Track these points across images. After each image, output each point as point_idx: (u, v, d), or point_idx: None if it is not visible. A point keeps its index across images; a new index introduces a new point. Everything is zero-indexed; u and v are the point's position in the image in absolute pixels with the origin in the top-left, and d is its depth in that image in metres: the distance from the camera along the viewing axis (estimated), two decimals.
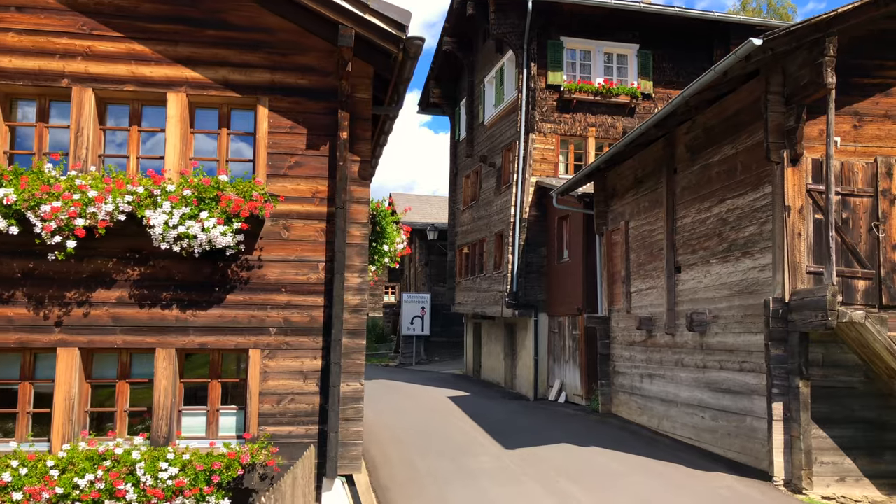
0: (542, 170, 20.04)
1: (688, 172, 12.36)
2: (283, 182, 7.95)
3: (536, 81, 19.94)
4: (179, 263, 7.67)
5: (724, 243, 11.12)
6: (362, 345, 8.00)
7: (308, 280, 7.92)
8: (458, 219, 26.44)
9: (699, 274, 11.86)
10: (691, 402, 11.98)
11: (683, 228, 12.45)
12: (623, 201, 15.16)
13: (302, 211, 7.96)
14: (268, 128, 7.97)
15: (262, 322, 7.82)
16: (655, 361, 13.44)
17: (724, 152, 11.20)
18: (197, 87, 7.88)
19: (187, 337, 7.69)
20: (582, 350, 17.35)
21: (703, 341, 11.64)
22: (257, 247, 7.86)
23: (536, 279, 19.95)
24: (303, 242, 7.94)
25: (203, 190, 7.27)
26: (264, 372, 7.79)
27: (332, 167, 7.99)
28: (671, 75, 20.98)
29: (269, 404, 7.78)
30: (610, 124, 20.50)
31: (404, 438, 13.07)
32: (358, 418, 7.91)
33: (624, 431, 13.51)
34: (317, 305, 7.90)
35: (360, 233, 8.07)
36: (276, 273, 7.88)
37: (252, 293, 7.83)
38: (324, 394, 7.80)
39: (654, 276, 13.57)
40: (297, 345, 7.85)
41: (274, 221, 7.89)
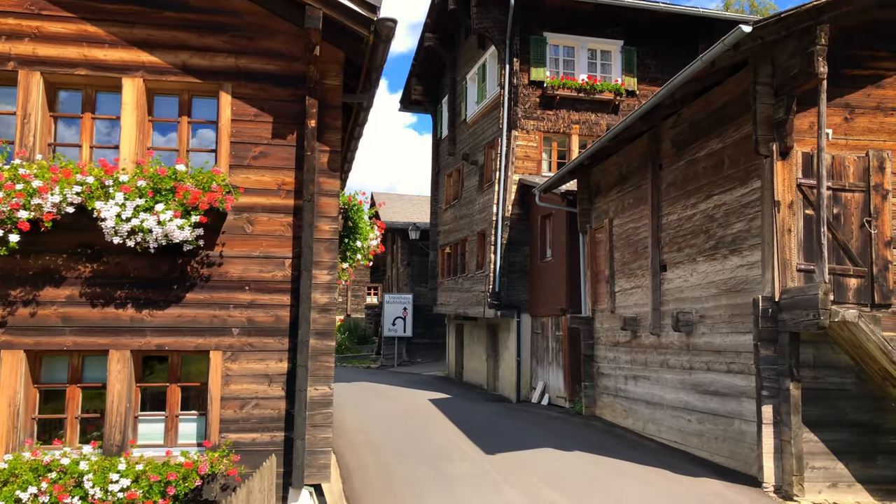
0: (524, 167, 19.65)
1: (673, 168, 12.00)
2: (247, 173, 7.48)
3: (519, 77, 19.56)
4: (135, 259, 7.18)
5: (711, 240, 10.77)
6: (331, 346, 7.54)
7: (273, 277, 7.45)
8: (441, 218, 26.01)
9: (685, 272, 11.50)
10: (677, 404, 11.61)
11: (669, 226, 12.08)
12: (607, 199, 14.79)
13: (267, 204, 7.49)
14: (231, 116, 7.50)
15: (224, 322, 7.34)
16: (640, 363, 13.06)
17: (710, 147, 10.84)
18: (155, 72, 7.40)
19: (143, 338, 7.20)
20: (565, 351, 16.97)
21: (690, 342, 11.27)
22: (219, 242, 7.38)
23: (519, 279, 19.56)
24: (268, 237, 7.48)
25: (159, 180, 6.78)
26: (226, 375, 7.31)
27: (299, 158, 7.53)
28: (655, 72, 20.65)
29: (232, 410, 7.31)
30: (594, 121, 20.15)
31: (382, 443, 12.61)
32: (327, 424, 7.46)
33: (608, 435, 13.12)
34: (283, 304, 7.44)
35: (329, 227, 7.61)
36: (240, 270, 7.41)
37: (213, 291, 7.35)
38: (290, 398, 7.34)
39: (638, 275, 13.20)
40: (261, 346, 7.38)
41: (237, 215, 7.41)
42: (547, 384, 18.10)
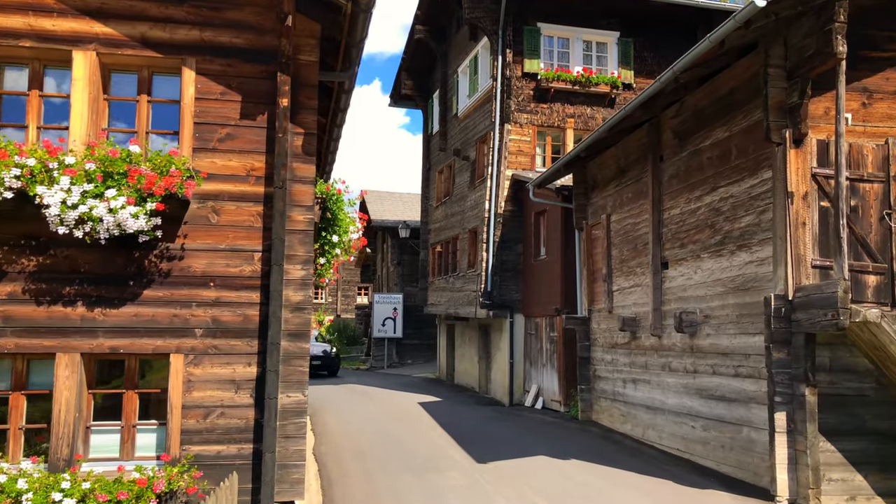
0: (518, 162, 18.95)
1: (676, 160, 11.34)
2: (213, 157, 6.77)
3: (512, 69, 18.86)
4: (85, 252, 6.45)
5: (717, 235, 10.10)
6: (306, 349, 6.83)
7: (241, 273, 6.74)
8: (431, 216, 25.31)
9: (689, 270, 10.83)
10: (680, 409, 10.94)
11: (671, 220, 11.42)
12: (604, 193, 14.12)
13: (234, 191, 6.78)
14: (195, 94, 6.79)
15: (185, 322, 6.62)
16: (640, 365, 12.39)
17: (716, 136, 10.18)
18: (110, 45, 6.68)
19: (95, 339, 6.47)
20: (560, 353, 16.29)
21: (694, 343, 10.60)
22: (181, 233, 6.67)
23: (512, 278, 18.86)
24: (235, 229, 6.77)
25: (110, 163, 6.06)
26: (189, 381, 6.59)
27: (270, 140, 6.83)
28: (653, 65, 19.97)
29: (195, 419, 6.58)
30: (589, 115, 19.47)
31: (367, 450, 11.90)
32: (300, 435, 6.74)
33: (606, 441, 12.45)
34: (251, 302, 6.72)
35: (303, 217, 6.90)
36: (203, 264, 6.69)
37: (174, 288, 6.63)
38: (259, 407, 6.63)
39: (638, 273, 12.53)
40: (227, 349, 6.67)
41: (201, 204, 6.70)
42: (541, 387, 17.42)
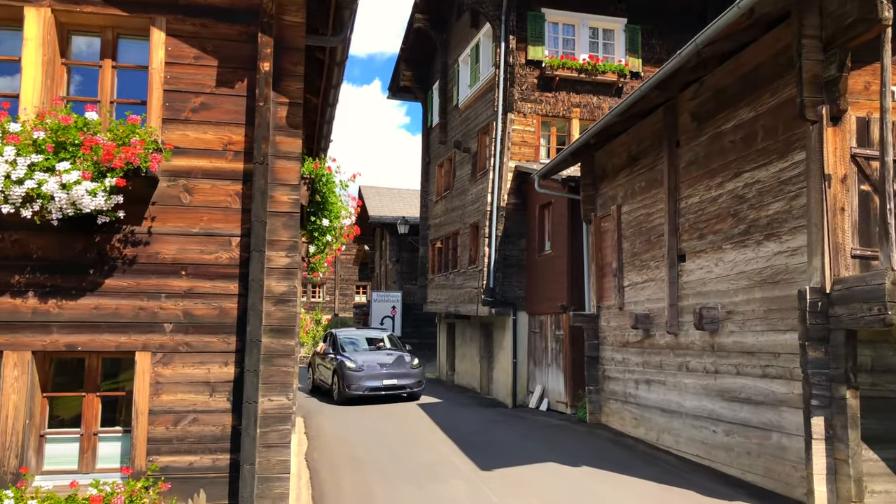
0: (521, 154, 18.17)
1: (694, 145, 10.55)
2: (185, 129, 5.98)
3: (515, 56, 18.08)
4: (38, 236, 5.67)
5: (740, 224, 9.32)
6: (291, 347, 6.04)
7: (217, 260, 5.95)
8: (431, 211, 24.52)
9: (709, 262, 10.04)
10: (699, 413, 10.16)
11: (689, 210, 10.63)
12: (615, 183, 13.34)
13: (209, 168, 5.99)
14: (165, 58, 6.00)
15: (153, 316, 5.83)
16: (654, 365, 11.61)
17: (740, 117, 9.40)
18: (67, 2, 5.89)
19: (49, 336, 5.68)
20: (566, 352, 15.50)
21: (715, 341, 9.82)
22: (148, 215, 5.88)
23: (515, 274, 18.08)
24: (210, 210, 5.98)
25: (62, 132, 5.27)
26: (157, 383, 5.80)
27: (250, 111, 6.05)
28: (661, 53, 19.19)
29: (164, 426, 5.80)
30: (595, 105, 18.70)
31: (363, 457, 11.11)
32: (283, 444, 5.95)
33: (617, 446, 11.66)
34: (228, 294, 5.94)
35: (288, 198, 6.11)
36: (174, 250, 5.90)
37: (140, 277, 5.84)
38: (237, 412, 5.84)
39: (652, 267, 11.74)
40: (201, 346, 5.88)
41: (171, 181, 5.91)
42: (546, 388, 16.63)
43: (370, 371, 16.88)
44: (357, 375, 16.67)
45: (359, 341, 19.28)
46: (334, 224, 7.30)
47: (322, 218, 7.20)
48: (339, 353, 17.70)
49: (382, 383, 16.77)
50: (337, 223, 7.22)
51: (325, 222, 7.30)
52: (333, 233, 7.40)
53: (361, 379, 16.66)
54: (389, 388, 16.87)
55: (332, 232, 7.40)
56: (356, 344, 18.96)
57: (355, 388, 16.54)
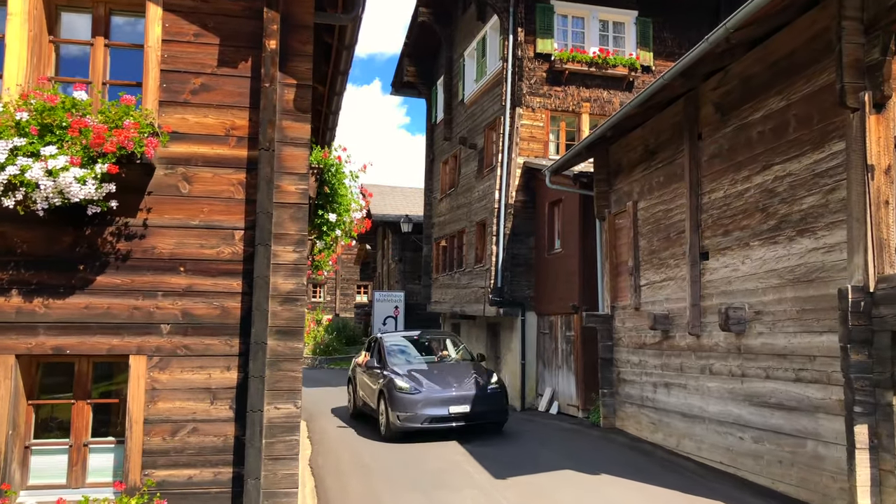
0: (530, 149, 17.69)
1: (718, 136, 10.06)
2: (184, 113, 5.49)
3: (524, 49, 17.59)
4: (23, 229, 5.18)
5: (770, 220, 8.83)
6: (299, 350, 5.55)
7: (219, 255, 5.46)
8: (435, 209, 24.03)
9: (735, 260, 9.55)
10: (724, 418, 9.67)
11: (712, 205, 10.14)
12: (630, 178, 12.84)
13: (211, 155, 5.50)
14: (162, 35, 5.50)
15: (149, 316, 5.35)
16: (674, 368, 11.12)
17: (769, 106, 8.91)
18: None
19: (35, 337, 5.19)
20: (578, 354, 15.01)
21: (742, 343, 9.33)
22: (143, 206, 5.39)
23: (524, 273, 17.59)
24: (212, 201, 5.49)
25: (48, 113, 4.78)
26: (153, 389, 5.31)
27: (255, 93, 5.55)
28: (673, 46, 18.74)
29: (161, 437, 5.31)
30: (606, 99, 18.21)
31: (370, 463, 10.62)
32: (291, 456, 5.46)
33: (635, 452, 11.16)
34: (231, 292, 5.45)
35: (295, 188, 5.62)
36: (172, 244, 5.42)
37: (135, 273, 5.35)
38: (241, 421, 5.35)
39: (671, 266, 11.25)
40: (201, 349, 5.39)
41: (169, 169, 5.42)
42: (556, 391, 16.14)
43: (431, 393, 12.09)
44: (412, 400, 11.98)
45: (412, 349, 14.31)
46: (343, 218, 6.80)
47: (331, 211, 6.71)
48: (385, 367, 13.06)
49: (449, 411, 11.94)
50: (347, 217, 6.72)
51: (333, 217, 6.81)
52: (343, 227, 6.90)
53: (418, 404, 11.93)
54: (459, 417, 12.02)
55: (342, 226, 6.91)
56: (408, 353, 14.09)
57: (409, 417, 11.87)
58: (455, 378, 12.65)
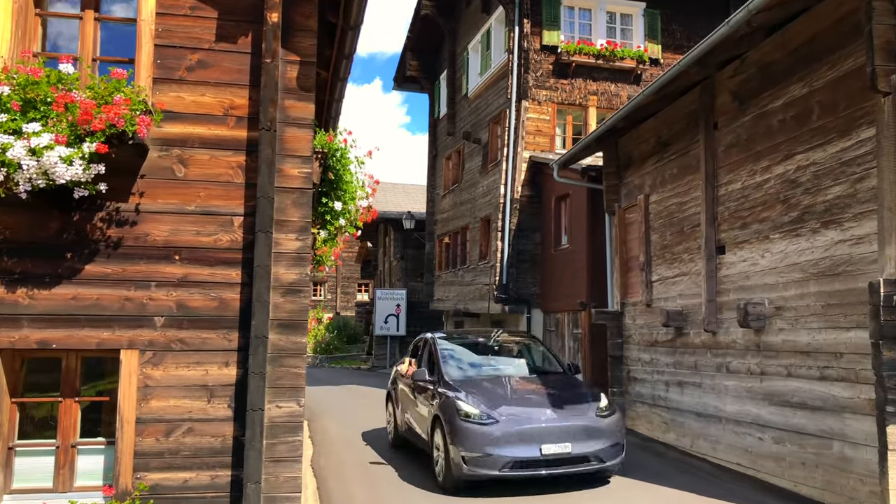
0: (536, 143, 17.33)
1: (735, 126, 9.70)
2: (179, 91, 5.14)
3: (530, 41, 17.24)
4: (6, 213, 4.83)
5: (792, 212, 8.47)
6: (302, 345, 5.20)
7: (216, 243, 5.11)
8: (438, 206, 23.68)
9: (754, 254, 9.19)
10: (742, 418, 9.31)
11: (729, 197, 9.78)
12: (641, 171, 12.48)
13: (208, 136, 5.15)
14: (156, 8, 5.14)
15: (141, 308, 4.99)
16: (688, 366, 10.76)
17: (791, 94, 8.55)
18: None
19: (18, 331, 4.84)
20: (586, 352, 14.66)
21: (761, 340, 8.97)
22: (135, 190, 5.04)
23: (529, 270, 17.23)
24: (209, 185, 5.14)
25: (31, 87, 4.42)
26: (146, 386, 4.96)
27: (255, 70, 5.19)
28: (682, 39, 18.40)
29: (154, 437, 4.95)
30: (613, 92, 17.86)
31: (374, 464, 10.26)
32: (293, 458, 5.10)
33: (647, 453, 10.81)
34: (230, 282, 5.09)
35: (299, 172, 5.27)
36: (166, 231, 5.06)
37: (126, 262, 5.00)
38: (240, 421, 4.99)
39: (685, 260, 10.89)
40: (198, 344, 5.03)
41: (163, 151, 5.06)
42: None
43: (513, 424, 8.16)
44: (484, 433, 8.06)
45: (478, 356, 10.27)
46: (349, 206, 6.44)
47: (335, 199, 6.35)
48: (441, 382, 9.23)
49: (541, 451, 7.99)
50: (352, 205, 6.36)
51: (338, 205, 6.44)
52: (348, 216, 6.54)
53: (494, 441, 8.02)
54: (556, 460, 8.09)
55: (347, 216, 6.54)
56: (473, 362, 10.08)
57: (480, 459, 7.95)
58: (547, 400, 8.73)
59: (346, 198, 6.33)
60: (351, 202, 6.40)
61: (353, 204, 6.44)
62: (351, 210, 6.46)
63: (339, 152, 6.18)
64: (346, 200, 6.35)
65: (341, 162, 6.20)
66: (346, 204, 6.39)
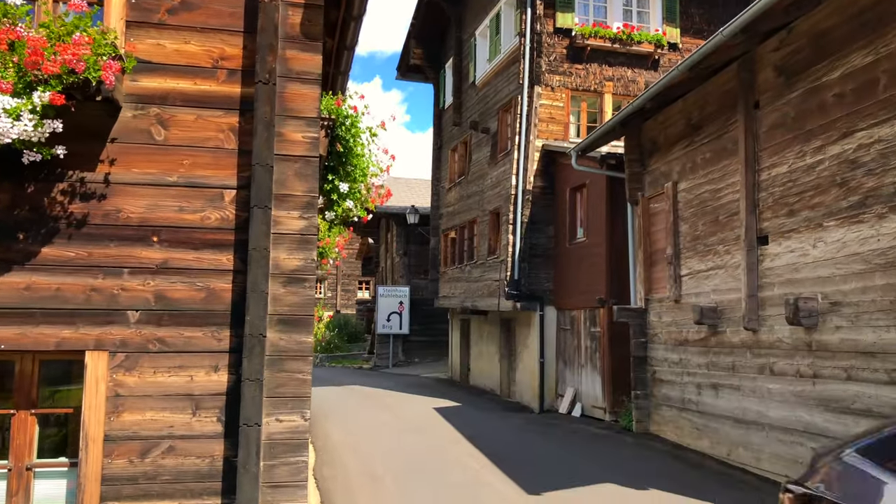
0: (549, 132, 16.41)
1: (780, 104, 8.81)
2: (159, 37, 4.23)
3: (543, 24, 16.32)
4: None
5: (852, 196, 7.58)
6: (307, 345, 4.30)
7: (203, 221, 4.21)
8: (443, 199, 22.76)
9: (803, 244, 8.31)
10: (790, 425, 8.43)
11: (773, 182, 8.89)
12: (668, 157, 11.59)
13: (193, 92, 4.24)
14: None
15: (112, 300, 4.09)
16: (723, 367, 9.87)
17: (851, 63, 7.66)
18: None
19: None
20: (605, 351, 13.77)
21: (813, 339, 8.09)
22: (105, 156, 4.13)
23: (542, 265, 16.31)
24: (194, 151, 4.23)
25: None
26: (116, 396, 4.06)
27: (251, 13, 4.28)
28: (701, 22, 17.48)
29: (126, 458, 4.05)
30: (630, 78, 16.94)
31: (381, 474, 9.39)
32: (297, 483, 4.20)
33: (681, 462, 9.92)
34: (220, 269, 4.19)
35: (303, 136, 4.37)
36: (142, 207, 4.16)
37: (93, 244, 4.10)
38: (232, 438, 4.09)
39: (720, 252, 10.00)
40: (180, 344, 4.13)
41: (138, 109, 4.16)
42: (578, 391, 14.89)
43: None
44: None
45: None
46: (359, 185, 5.54)
47: (344, 178, 5.44)
48: None
49: None
50: (364, 182, 5.46)
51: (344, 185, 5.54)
52: (358, 198, 5.63)
53: None
54: None
55: (356, 197, 5.64)
56: None
57: None
58: None
59: (356, 174, 5.43)
60: (363, 180, 5.49)
61: (365, 182, 5.54)
62: (361, 190, 5.56)
63: (350, 120, 5.27)
64: (357, 178, 5.45)
65: (351, 132, 5.29)
66: (357, 182, 5.49)
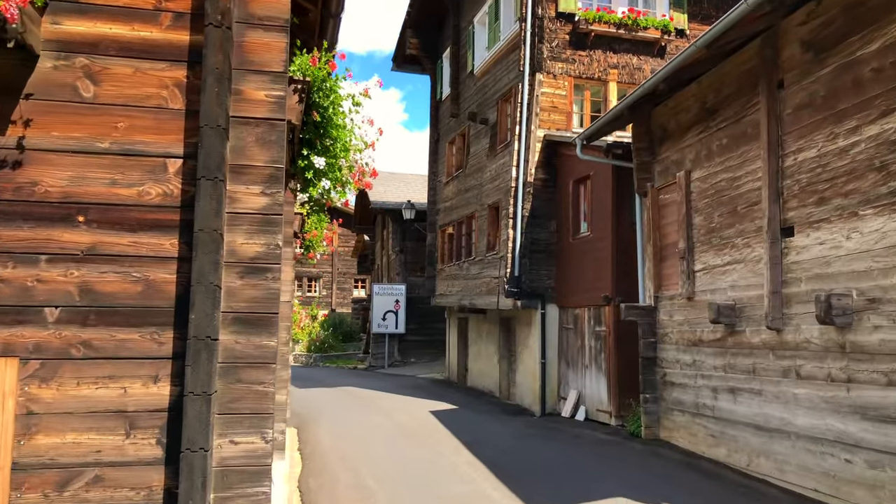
0: (551, 121, 15.64)
1: (808, 83, 8.05)
2: None
3: (545, 8, 15.55)
4: None
5: (892, 180, 6.83)
6: (270, 349, 3.51)
7: (142, 198, 3.42)
8: (440, 194, 21.99)
9: (835, 235, 7.55)
10: (820, 434, 7.67)
11: (799, 168, 8.14)
12: (680, 145, 10.83)
13: (131, 40, 3.46)
14: None
15: (24, 294, 3.30)
16: (742, 369, 9.12)
17: (891, 35, 6.90)
18: None
19: None
20: (611, 352, 13.00)
21: (847, 340, 7.33)
22: (17, 117, 3.35)
23: (544, 261, 15.54)
24: (131, 111, 3.44)
25: None
26: (29, 413, 3.28)
27: None
28: (709, 8, 16.71)
29: (40, 491, 3.27)
30: (635, 66, 16.17)
31: (372, 486, 8.62)
32: None
33: (696, 472, 9.16)
34: (161, 256, 3.41)
35: (266, 95, 3.58)
36: (65, 180, 3.38)
37: (1, 224, 3.31)
38: (173, 465, 3.31)
39: (739, 246, 9.25)
40: (111, 349, 3.35)
41: (61, 59, 3.38)
42: (582, 394, 14.13)
43: None
44: None
45: None
46: (339, 161, 4.75)
47: (321, 152, 4.66)
48: None
49: None
50: (345, 157, 4.67)
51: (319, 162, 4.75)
52: (337, 177, 4.85)
53: None
54: None
55: (335, 176, 4.85)
56: None
57: None
58: None
59: (336, 149, 4.64)
60: (344, 155, 4.71)
61: (347, 158, 4.75)
62: (342, 166, 4.77)
63: (328, 84, 4.48)
64: (338, 152, 4.66)
65: (330, 98, 4.50)
66: (338, 158, 4.70)
